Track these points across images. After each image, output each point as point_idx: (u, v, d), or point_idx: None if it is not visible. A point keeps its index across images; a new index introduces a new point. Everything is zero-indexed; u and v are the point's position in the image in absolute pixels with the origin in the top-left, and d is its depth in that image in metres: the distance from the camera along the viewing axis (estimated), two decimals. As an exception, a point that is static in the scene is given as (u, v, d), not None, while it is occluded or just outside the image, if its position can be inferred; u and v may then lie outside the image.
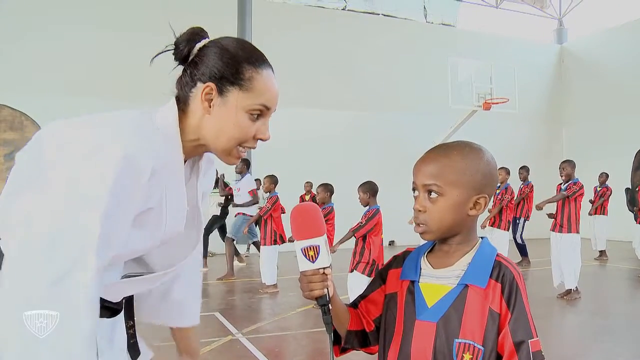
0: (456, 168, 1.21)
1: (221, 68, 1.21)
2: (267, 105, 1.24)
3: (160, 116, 1.23)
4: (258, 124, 1.25)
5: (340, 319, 1.33)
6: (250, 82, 1.22)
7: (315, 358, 4.82)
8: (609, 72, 16.34)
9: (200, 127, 1.24)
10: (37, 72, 11.62)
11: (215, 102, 1.22)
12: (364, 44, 14.94)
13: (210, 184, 1.48)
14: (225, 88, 1.21)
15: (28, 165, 1.15)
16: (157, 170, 1.13)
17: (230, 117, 1.22)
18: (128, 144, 1.08)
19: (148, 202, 1.16)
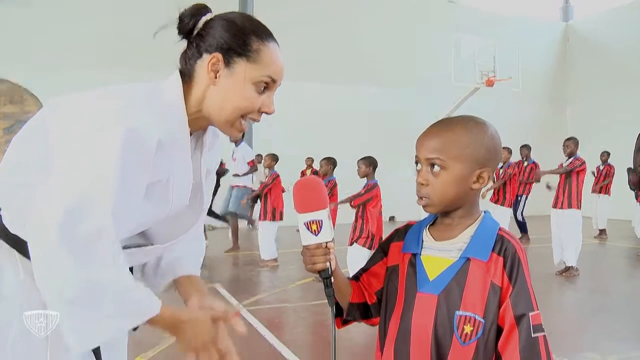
0: (459, 142, 1.21)
1: (228, 39, 1.21)
2: (273, 78, 1.25)
3: (164, 90, 1.23)
4: (263, 97, 1.25)
5: (342, 291, 1.34)
6: (258, 53, 1.22)
7: (315, 329, 4.87)
8: (614, 51, 16.19)
9: (205, 98, 1.24)
10: (36, 45, 11.52)
11: (222, 73, 1.22)
12: (366, 19, 14.78)
13: (216, 160, 1.48)
14: (232, 59, 1.22)
15: (34, 144, 1.16)
16: (163, 143, 1.14)
17: (236, 87, 1.22)
18: (134, 118, 1.09)
19: (156, 175, 1.17)
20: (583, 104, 17.21)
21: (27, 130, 1.20)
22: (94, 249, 1.05)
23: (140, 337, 4.28)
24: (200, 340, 1.21)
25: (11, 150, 1.20)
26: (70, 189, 1.04)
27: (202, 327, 1.23)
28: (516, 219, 10.35)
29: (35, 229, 1.04)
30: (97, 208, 1.04)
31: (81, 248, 1.03)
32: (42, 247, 1.03)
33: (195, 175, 1.31)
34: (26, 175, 1.15)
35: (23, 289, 1.16)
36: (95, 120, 1.09)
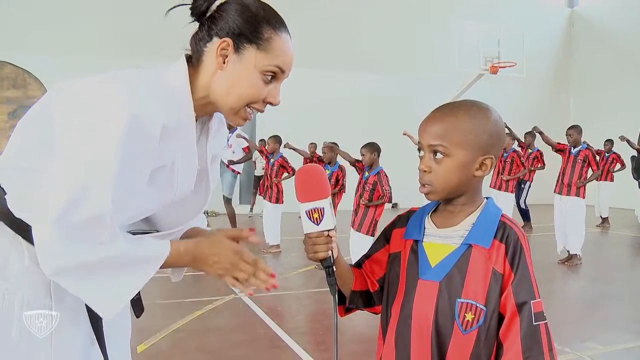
0: (462, 128, 1.19)
1: (241, 25, 1.20)
2: (282, 68, 1.24)
3: (170, 75, 1.22)
4: (270, 87, 1.24)
5: (345, 279, 1.33)
6: (269, 42, 1.21)
7: (317, 317, 4.88)
8: (619, 37, 16.06)
9: (211, 83, 1.23)
10: (39, 29, 11.48)
11: (231, 58, 1.21)
12: (367, 5, 14.68)
13: (221, 146, 1.47)
14: (243, 45, 1.20)
15: (38, 129, 1.16)
16: (168, 128, 1.13)
17: (244, 74, 1.21)
18: (138, 104, 1.08)
19: (160, 160, 1.16)
20: (587, 91, 17.11)
21: (32, 115, 1.19)
22: (92, 233, 1.07)
23: (143, 324, 4.29)
24: (225, 258, 1.23)
25: (16, 135, 1.19)
26: (71, 176, 1.05)
27: (222, 245, 1.24)
28: (519, 206, 10.33)
29: (37, 214, 1.07)
30: (97, 195, 1.05)
31: (79, 233, 1.05)
32: (42, 232, 1.05)
33: (201, 160, 1.30)
34: (30, 160, 1.15)
35: (28, 274, 1.16)
36: (99, 106, 1.08)
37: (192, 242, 1.24)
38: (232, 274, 1.24)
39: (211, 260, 1.23)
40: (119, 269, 1.12)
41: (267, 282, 1.26)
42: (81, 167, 1.05)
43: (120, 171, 1.06)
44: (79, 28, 11.76)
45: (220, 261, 1.23)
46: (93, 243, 1.07)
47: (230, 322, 4.61)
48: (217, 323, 4.51)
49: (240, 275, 1.24)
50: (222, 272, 1.24)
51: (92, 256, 1.07)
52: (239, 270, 1.24)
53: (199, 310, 4.80)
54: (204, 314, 4.72)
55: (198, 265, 1.23)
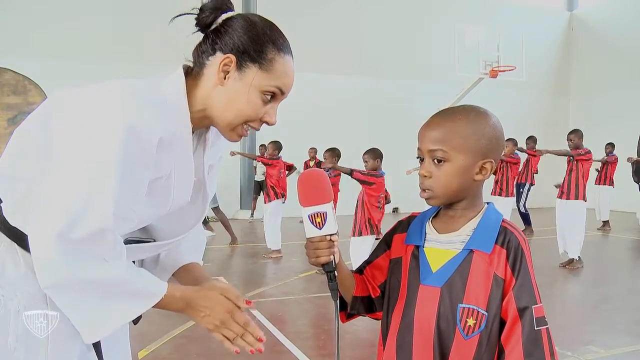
0: (462, 133, 1.19)
1: (245, 42, 1.20)
2: (282, 89, 1.24)
3: (167, 86, 1.22)
4: (268, 107, 1.24)
5: (346, 285, 1.33)
6: (272, 63, 1.21)
7: (318, 322, 4.87)
8: (619, 41, 16.07)
9: (210, 97, 1.23)
10: (39, 34, 11.50)
11: (232, 75, 1.20)
12: (367, 9, 14.71)
13: (218, 156, 1.46)
14: (245, 63, 1.20)
15: (36, 138, 1.16)
16: (165, 140, 1.13)
17: (243, 92, 1.21)
18: (135, 115, 1.08)
19: (157, 172, 1.16)
20: (587, 94, 17.11)
21: (30, 124, 1.19)
22: (93, 249, 1.07)
23: (144, 330, 4.28)
24: (217, 315, 1.22)
25: (12, 143, 1.19)
26: (71, 191, 1.05)
27: (216, 301, 1.23)
28: (519, 210, 10.32)
29: (37, 228, 1.06)
30: (98, 210, 1.05)
31: (81, 249, 1.05)
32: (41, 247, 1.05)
33: (198, 171, 1.30)
34: (27, 169, 1.15)
35: (24, 281, 1.16)
36: (96, 118, 1.08)
37: (188, 291, 1.24)
38: (221, 331, 1.23)
39: (203, 313, 1.22)
40: (114, 295, 1.11)
41: (253, 345, 1.24)
42: (81, 182, 1.05)
43: (120, 184, 1.06)
44: (79, 33, 11.78)
45: (212, 316, 1.22)
46: (94, 259, 1.07)
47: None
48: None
49: (228, 334, 1.23)
50: (211, 327, 1.23)
51: (92, 274, 1.07)
52: (228, 329, 1.23)
53: (200, 316, 4.78)
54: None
55: (190, 313, 1.23)
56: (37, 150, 1.14)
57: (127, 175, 1.07)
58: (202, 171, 1.33)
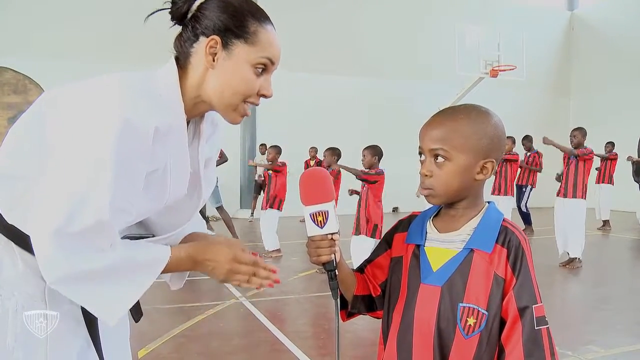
0: (463, 132, 1.19)
1: (226, 21, 1.19)
2: (271, 60, 1.24)
3: (160, 77, 1.21)
4: (261, 80, 1.24)
5: (347, 284, 1.33)
6: (256, 35, 1.21)
7: (318, 321, 4.87)
8: (619, 40, 16.07)
9: (203, 83, 1.22)
10: (38, 34, 11.50)
11: (220, 55, 1.20)
12: (368, 8, 14.70)
13: (216, 149, 1.46)
14: (231, 41, 1.20)
15: (32, 136, 1.15)
16: (160, 131, 1.12)
17: (235, 70, 1.20)
18: (129, 107, 1.08)
19: (153, 164, 1.16)
20: (587, 94, 17.11)
21: (25, 122, 1.18)
22: (92, 241, 1.07)
23: (144, 329, 4.28)
24: (223, 261, 1.23)
25: (8, 141, 1.19)
26: (67, 186, 1.05)
27: (218, 250, 1.24)
28: (520, 210, 10.33)
29: (35, 225, 1.06)
30: (95, 204, 1.05)
31: (79, 242, 1.05)
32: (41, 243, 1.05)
33: (194, 163, 1.30)
34: (24, 167, 1.14)
35: (22, 280, 1.16)
36: (90, 113, 1.08)
37: (192, 247, 1.25)
38: (233, 277, 1.24)
39: (210, 266, 1.23)
40: (120, 275, 1.12)
41: (269, 279, 1.26)
42: (77, 176, 1.05)
43: (116, 177, 1.05)
44: (79, 33, 11.78)
45: (219, 265, 1.23)
46: (93, 251, 1.07)
47: (231, 326, 4.60)
48: (218, 328, 4.50)
49: (240, 278, 1.24)
50: (222, 277, 1.24)
51: (93, 264, 1.07)
52: (238, 273, 1.24)
53: (200, 315, 4.79)
54: (205, 319, 4.72)
55: (198, 269, 1.24)
56: (33, 148, 1.14)
57: (123, 168, 1.07)
58: (197, 163, 1.32)
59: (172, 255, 1.19)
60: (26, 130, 1.17)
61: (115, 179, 1.05)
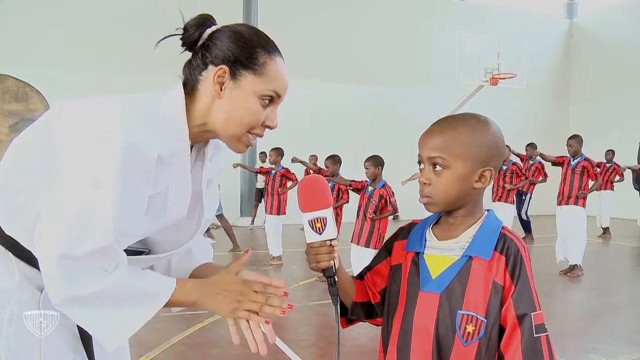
0: (462, 140, 1.20)
1: (235, 51, 1.20)
2: (278, 92, 1.24)
3: (166, 102, 1.21)
4: (267, 111, 1.24)
5: (346, 290, 1.34)
6: (264, 67, 1.21)
7: (319, 330, 4.87)
8: (618, 48, 16.13)
9: (209, 111, 1.23)
10: (39, 42, 11.55)
11: (227, 85, 1.21)
12: (368, 17, 14.77)
13: (217, 170, 1.46)
14: (239, 72, 1.20)
15: (36, 149, 1.16)
16: (163, 157, 1.13)
17: (242, 101, 1.21)
18: (133, 133, 1.08)
19: (156, 188, 1.16)
20: (587, 101, 17.16)
21: (29, 135, 1.18)
22: (95, 264, 1.07)
23: (143, 338, 4.27)
24: (235, 290, 1.22)
25: (11, 152, 1.19)
26: (71, 211, 1.05)
27: (228, 278, 1.24)
28: (520, 218, 10.32)
29: (41, 248, 1.07)
30: (99, 228, 1.05)
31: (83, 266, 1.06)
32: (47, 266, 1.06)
33: (196, 185, 1.30)
34: (26, 179, 1.14)
35: (18, 290, 1.16)
36: (96, 135, 1.08)
37: (199, 280, 1.25)
38: (244, 305, 1.22)
39: (220, 296, 1.21)
40: (124, 301, 1.12)
41: (282, 306, 1.24)
42: (81, 201, 1.05)
43: (120, 202, 1.06)
44: (79, 41, 11.84)
45: (230, 294, 1.21)
46: (98, 272, 1.08)
47: (231, 335, 4.58)
48: (219, 336, 4.49)
49: (252, 307, 1.22)
50: (234, 304, 1.22)
51: (98, 286, 1.08)
52: (249, 300, 1.22)
53: (200, 323, 4.78)
54: (205, 327, 4.71)
55: (206, 302, 1.22)
56: (37, 161, 1.14)
57: (126, 193, 1.07)
58: (199, 185, 1.32)
59: (178, 286, 1.18)
60: (30, 144, 1.17)
61: (118, 204, 1.06)
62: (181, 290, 1.18)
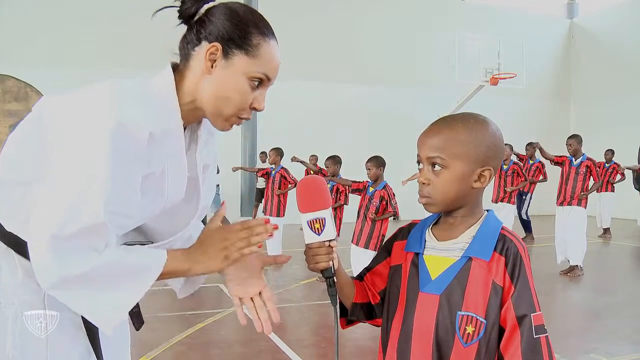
0: (460, 140, 1.20)
1: (230, 30, 1.19)
2: (268, 75, 1.23)
3: (156, 82, 1.21)
4: (256, 93, 1.23)
5: (346, 291, 1.34)
6: (257, 48, 1.20)
7: (319, 330, 4.87)
8: (618, 48, 16.12)
9: (198, 87, 1.22)
10: (38, 41, 11.55)
11: (219, 63, 1.20)
12: (368, 17, 14.76)
13: (213, 156, 1.45)
14: (231, 50, 1.20)
15: (31, 142, 1.16)
16: (155, 135, 1.12)
17: (231, 80, 1.20)
18: (122, 112, 1.07)
19: (149, 167, 1.15)
20: (587, 102, 17.15)
21: (23, 128, 1.19)
22: (86, 244, 1.06)
23: (145, 337, 4.28)
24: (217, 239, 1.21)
25: (8, 147, 1.19)
26: (62, 191, 1.05)
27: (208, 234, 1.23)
28: (521, 218, 10.31)
29: (32, 230, 1.06)
30: (89, 207, 1.04)
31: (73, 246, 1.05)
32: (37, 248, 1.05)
33: (192, 168, 1.29)
34: (23, 174, 1.15)
35: (22, 288, 1.16)
36: (84, 118, 1.08)
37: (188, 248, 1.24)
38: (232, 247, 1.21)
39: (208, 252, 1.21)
40: (116, 278, 1.11)
41: (267, 232, 1.23)
42: (72, 181, 1.05)
43: (110, 181, 1.05)
44: (79, 40, 11.84)
45: (215, 245, 1.21)
46: (88, 251, 1.07)
47: (232, 334, 4.59)
48: (219, 336, 4.50)
49: (240, 244, 1.21)
50: (223, 252, 1.21)
51: (88, 265, 1.06)
52: (237, 239, 1.22)
53: (201, 323, 4.78)
54: (205, 327, 4.71)
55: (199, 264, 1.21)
56: (32, 155, 1.14)
57: (118, 171, 1.06)
58: (195, 169, 1.32)
59: (169, 255, 1.17)
60: (24, 137, 1.18)
61: (110, 182, 1.05)
62: (172, 261, 1.18)
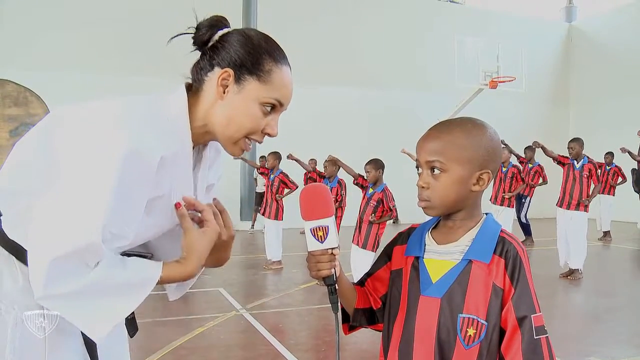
0: (459, 144, 1.21)
1: (242, 56, 1.20)
2: (281, 101, 1.24)
3: (170, 103, 1.22)
4: (268, 118, 1.24)
5: (348, 297, 1.34)
6: (269, 74, 1.21)
7: (319, 334, 4.86)
8: (617, 51, 16.15)
9: (210, 112, 1.23)
10: (38, 46, 11.56)
11: (231, 88, 1.21)
12: (368, 20, 14.79)
13: (218, 176, 1.46)
14: (243, 76, 1.21)
15: (37, 153, 1.16)
16: (166, 159, 1.14)
17: (242, 106, 1.21)
18: (136, 136, 1.08)
19: (157, 191, 1.17)
20: (586, 104, 17.17)
21: (31, 139, 1.19)
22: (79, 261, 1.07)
23: (145, 341, 4.28)
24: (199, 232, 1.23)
25: (13, 156, 1.19)
26: (62, 209, 1.06)
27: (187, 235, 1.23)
28: (520, 221, 10.31)
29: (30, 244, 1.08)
30: (86, 226, 1.05)
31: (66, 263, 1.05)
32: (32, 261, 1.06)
33: (194, 189, 1.30)
34: (28, 184, 1.15)
35: (22, 294, 1.16)
36: (96, 139, 1.08)
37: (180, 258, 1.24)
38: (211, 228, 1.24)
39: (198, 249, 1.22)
40: (107, 293, 1.11)
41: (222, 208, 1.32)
42: (74, 201, 1.06)
43: (115, 203, 1.06)
44: (79, 44, 11.85)
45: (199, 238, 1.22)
46: (80, 269, 1.07)
47: (232, 338, 4.59)
48: (219, 340, 4.49)
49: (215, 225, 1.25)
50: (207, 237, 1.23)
51: (78, 283, 1.07)
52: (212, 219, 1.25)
53: (201, 327, 4.78)
54: (205, 331, 4.71)
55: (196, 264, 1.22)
56: (39, 165, 1.14)
57: (123, 195, 1.07)
58: (199, 189, 1.33)
59: (164, 271, 1.18)
60: (32, 147, 1.18)
61: (113, 205, 1.06)
62: (167, 274, 1.18)
